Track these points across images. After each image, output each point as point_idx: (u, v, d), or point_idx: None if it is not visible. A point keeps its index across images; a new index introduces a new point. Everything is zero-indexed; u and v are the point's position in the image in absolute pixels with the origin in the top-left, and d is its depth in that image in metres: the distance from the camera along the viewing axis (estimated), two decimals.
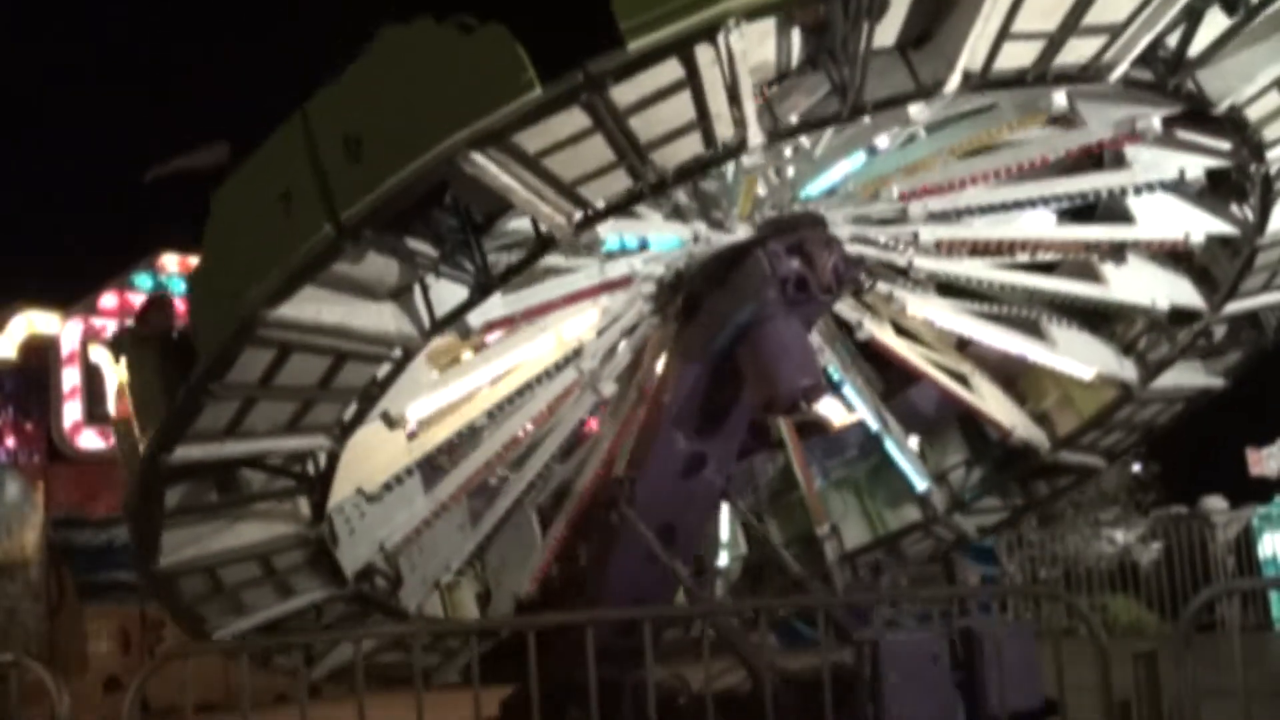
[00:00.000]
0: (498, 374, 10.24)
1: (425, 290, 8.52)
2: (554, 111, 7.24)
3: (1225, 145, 9.83)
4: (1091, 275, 11.16)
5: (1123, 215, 10.85)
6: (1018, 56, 8.20)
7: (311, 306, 8.00)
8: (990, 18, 7.73)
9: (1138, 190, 10.31)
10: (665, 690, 9.04)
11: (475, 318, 8.78)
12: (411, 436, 10.17)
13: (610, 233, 9.24)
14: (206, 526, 9.33)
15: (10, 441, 20.73)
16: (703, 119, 7.64)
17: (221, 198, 8.03)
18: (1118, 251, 11.13)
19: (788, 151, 9.37)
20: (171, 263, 22.06)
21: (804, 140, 9.17)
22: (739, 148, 7.96)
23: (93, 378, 20.63)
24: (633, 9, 6.97)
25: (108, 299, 21.24)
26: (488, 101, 7.14)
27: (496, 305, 8.93)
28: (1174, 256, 11.24)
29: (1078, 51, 8.34)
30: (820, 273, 9.21)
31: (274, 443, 8.97)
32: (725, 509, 12.13)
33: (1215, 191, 10.66)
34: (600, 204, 8.11)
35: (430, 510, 10.51)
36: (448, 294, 8.58)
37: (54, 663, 14.16)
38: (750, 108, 7.65)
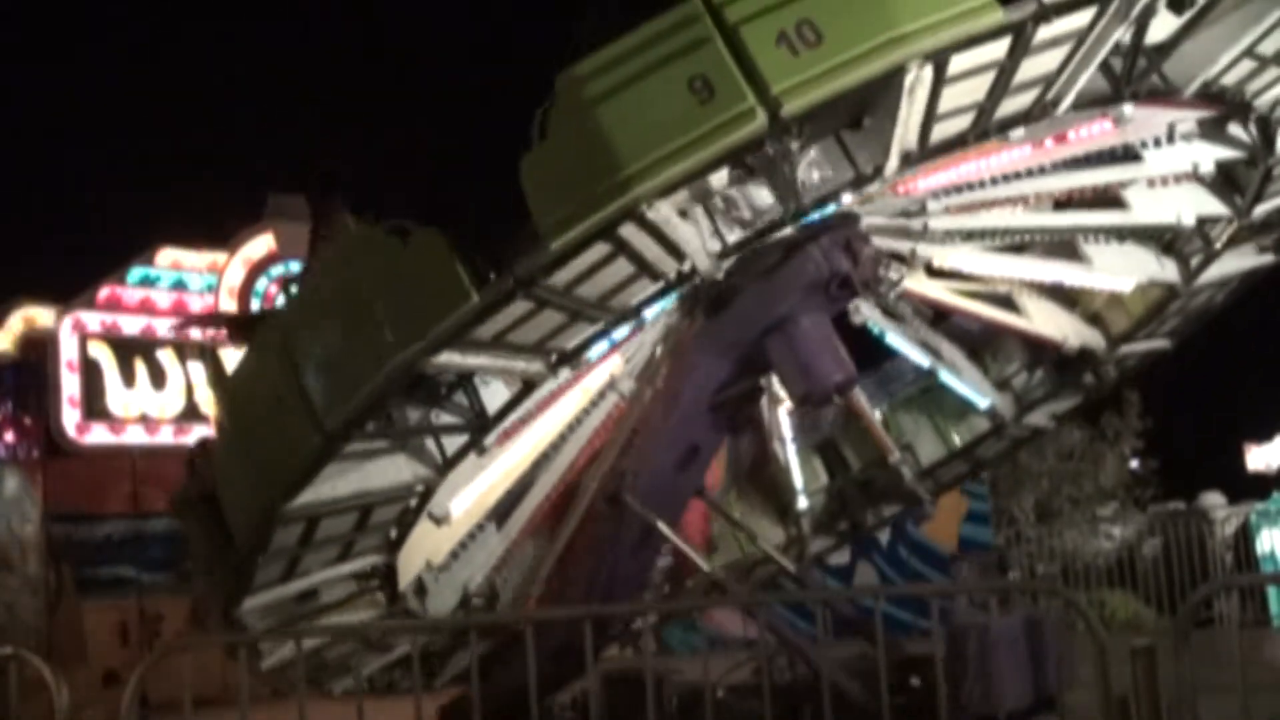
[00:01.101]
0: (534, 441, 10.45)
1: (435, 435, 8.90)
2: (496, 311, 7.54)
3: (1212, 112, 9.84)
4: (1113, 202, 11.03)
5: (1131, 154, 10.59)
6: (953, 127, 8.21)
7: (327, 486, 8.32)
8: (912, 113, 7.74)
9: (1151, 184, 10.35)
10: (691, 686, 9.14)
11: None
12: None
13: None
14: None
15: (8, 436, 20.74)
16: (645, 268, 7.83)
17: (228, 393, 8.54)
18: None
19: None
20: (168, 258, 22.08)
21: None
22: (692, 274, 8.22)
23: (91, 373, 20.64)
24: (547, 209, 7.16)
25: (106, 293, 21.25)
26: (432, 313, 7.50)
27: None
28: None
29: (1017, 102, 8.35)
30: (862, 269, 9.22)
31: (331, 572, 9.39)
32: (791, 448, 12.26)
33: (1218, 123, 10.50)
34: (572, 345, 8.43)
35: (505, 547, 10.72)
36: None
37: (53, 657, 14.13)
38: (695, 246, 7.81)
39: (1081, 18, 7.72)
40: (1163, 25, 8.47)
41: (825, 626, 10.07)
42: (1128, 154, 10.54)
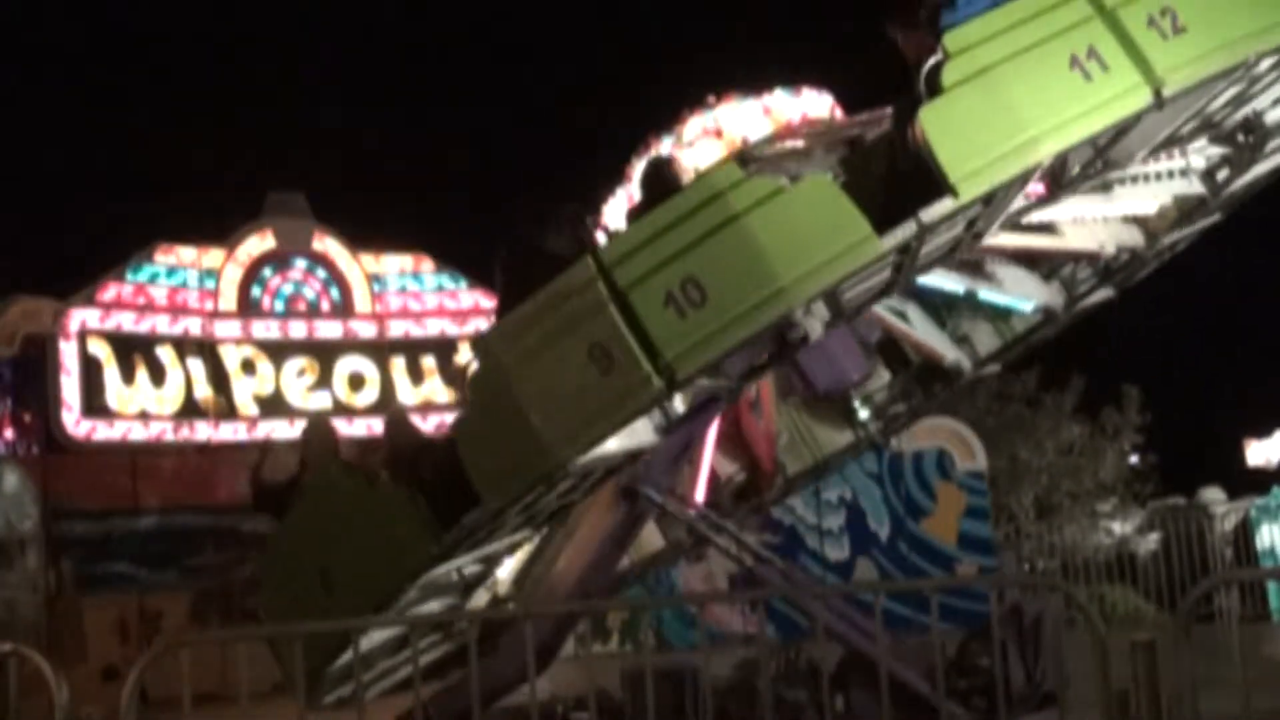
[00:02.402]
0: None
1: None
2: None
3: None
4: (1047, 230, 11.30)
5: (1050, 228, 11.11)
6: (867, 291, 8.87)
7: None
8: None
9: None
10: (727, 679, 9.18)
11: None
12: None
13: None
14: None
15: (8, 433, 20.75)
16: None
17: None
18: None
19: None
20: (167, 255, 22.08)
21: None
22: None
23: (90, 370, 20.65)
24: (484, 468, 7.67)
25: (106, 290, 21.25)
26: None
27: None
28: None
29: (935, 243, 8.63)
30: None
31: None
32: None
33: None
34: None
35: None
36: None
37: (52, 653, 14.11)
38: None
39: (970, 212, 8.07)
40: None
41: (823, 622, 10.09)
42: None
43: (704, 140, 12.14)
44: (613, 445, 8.36)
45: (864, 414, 12.82)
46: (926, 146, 7.55)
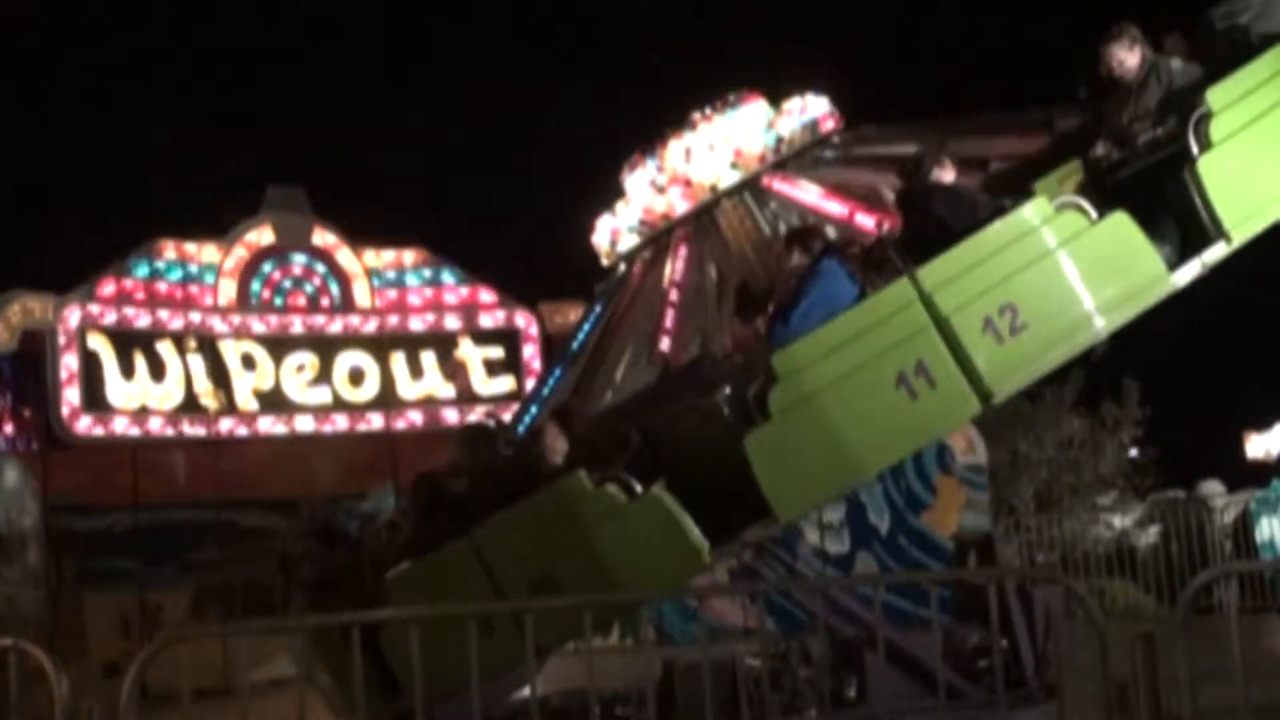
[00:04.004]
0: None
1: None
2: None
3: None
4: None
5: None
6: None
7: None
8: None
9: None
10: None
11: None
12: None
13: None
14: None
15: (8, 429, 20.77)
16: None
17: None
18: None
19: None
20: (168, 249, 22.09)
21: None
22: None
23: (90, 365, 20.66)
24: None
25: (105, 286, 21.26)
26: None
27: None
28: None
29: None
30: None
31: None
32: None
33: None
34: None
35: None
36: None
37: (53, 648, 14.13)
38: None
39: None
40: None
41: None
42: None
43: (673, 186, 12.32)
44: None
45: None
46: None
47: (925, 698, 7.96)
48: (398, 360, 23.22)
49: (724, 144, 12.23)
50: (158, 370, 21.37)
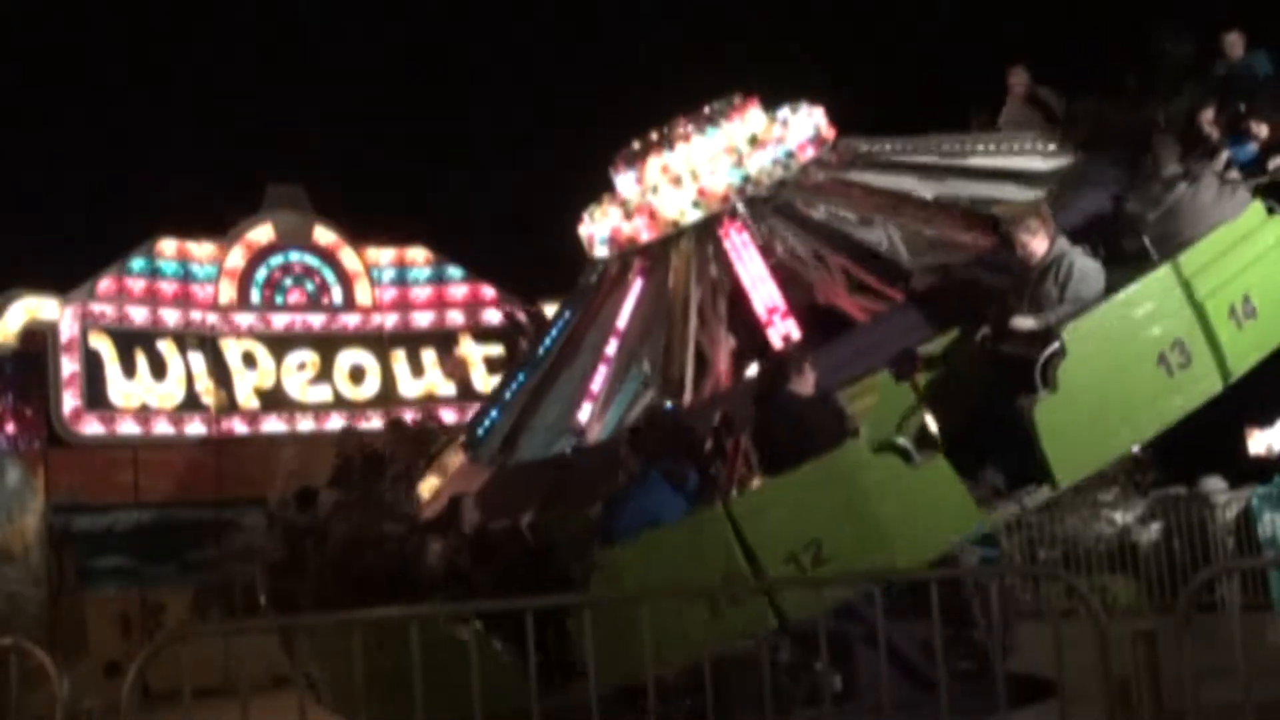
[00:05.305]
0: None
1: None
2: None
3: None
4: None
5: None
6: None
7: None
8: None
9: None
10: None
11: None
12: None
13: None
14: None
15: (10, 427, 20.76)
16: None
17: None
18: None
19: None
20: (168, 248, 22.07)
21: None
22: None
23: (91, 364, 20.66)
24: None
25: (107, 285, 21.25)
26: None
27: None
28: None
29: None
30: None
31: None
32: None
33: None
34: None
35: None
36: None
37: (54, 647, 14.17)
38: None
39: None
40: None
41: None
42: None
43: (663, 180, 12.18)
44: None
45: None
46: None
47: (914, 694, 7.94)
48: (399, 358, 23.22)
49: (690, 180, 12.00)
50: (159, 369, 21.36)
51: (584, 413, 12.30)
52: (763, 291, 11.53)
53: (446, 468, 13.29)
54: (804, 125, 12.17)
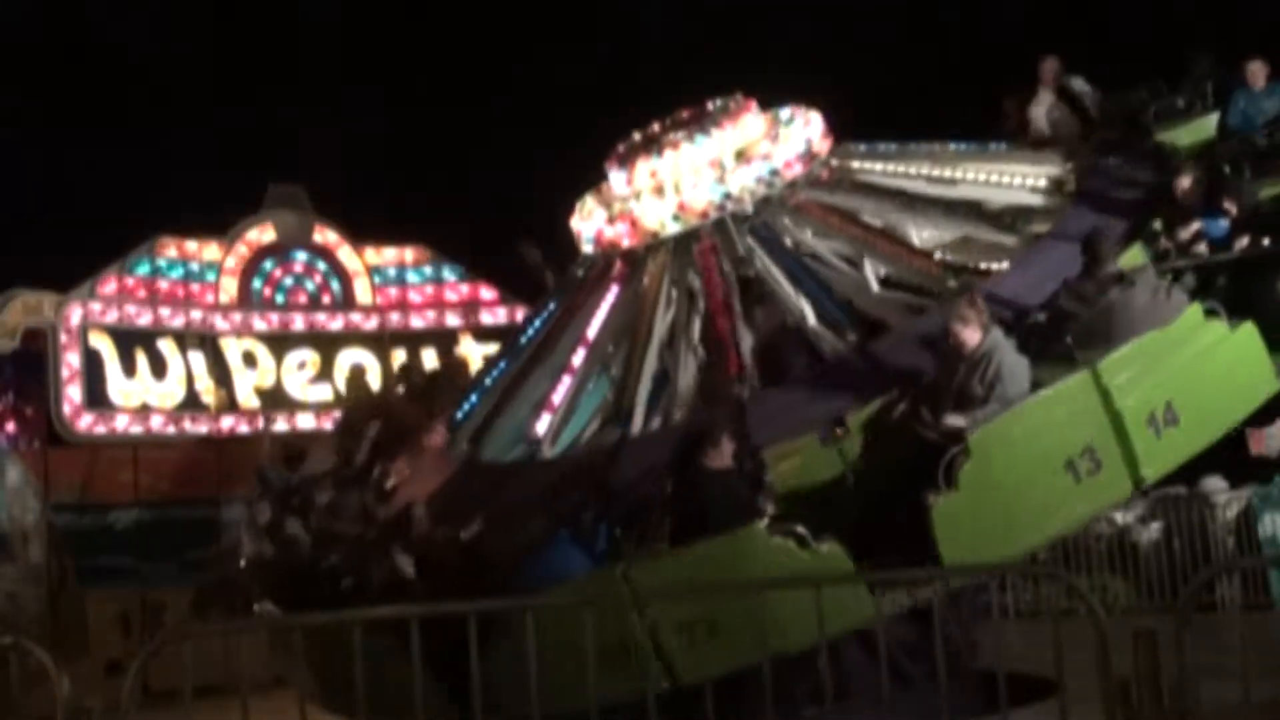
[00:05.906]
0: None
1: None
2: None
3: None
4: None
5: None
6: None
7: None
8: None
9: None
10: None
11: None
12: None
13: None
14: None
15: (10, 427, 20.77)
16: None
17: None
18: None
19: None
20: (168, 247, 22.08)
21: None
22: None
23: (91, 363, 20.66)
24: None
25: (107, 284, 21.25)
26: None
27: None
28: None
29: None
30: None
31: None
32: None
33: None
34: None
35: None
36: None
37: (55, 646, 14.17)
38: None
39: None
40: None
41: None
42: None
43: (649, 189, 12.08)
44: None
45: None
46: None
47: (903, 694, 7.94)
48: (399, 357, 23.21)
49: (673, 192, 11.89)
50: (159, 368, 21.36)
51: (542, 424, 11.94)
52: (722, 322, 11.39)
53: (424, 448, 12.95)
54: (796, 139, 12.00)
